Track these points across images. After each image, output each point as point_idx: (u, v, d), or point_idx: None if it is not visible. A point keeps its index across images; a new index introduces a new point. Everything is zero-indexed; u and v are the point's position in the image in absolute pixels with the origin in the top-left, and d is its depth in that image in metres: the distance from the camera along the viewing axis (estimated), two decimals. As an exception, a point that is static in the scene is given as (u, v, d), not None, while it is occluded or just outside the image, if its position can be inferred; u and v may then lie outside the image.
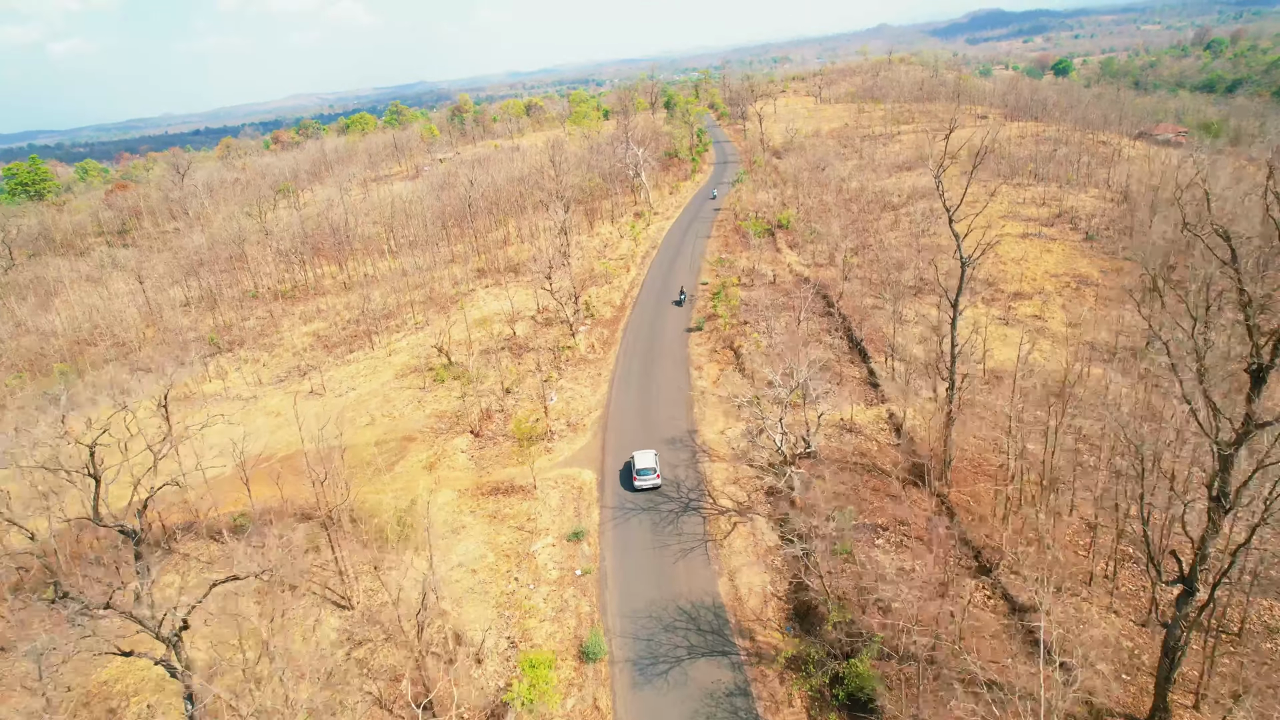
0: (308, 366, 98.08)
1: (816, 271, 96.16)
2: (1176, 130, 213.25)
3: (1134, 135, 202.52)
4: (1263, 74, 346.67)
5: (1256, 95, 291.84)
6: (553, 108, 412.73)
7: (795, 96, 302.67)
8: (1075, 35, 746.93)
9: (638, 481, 58.05)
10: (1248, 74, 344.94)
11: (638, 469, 58.30)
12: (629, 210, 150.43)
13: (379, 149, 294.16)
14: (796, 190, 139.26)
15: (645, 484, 57.95)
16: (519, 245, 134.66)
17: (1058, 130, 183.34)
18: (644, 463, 58.48)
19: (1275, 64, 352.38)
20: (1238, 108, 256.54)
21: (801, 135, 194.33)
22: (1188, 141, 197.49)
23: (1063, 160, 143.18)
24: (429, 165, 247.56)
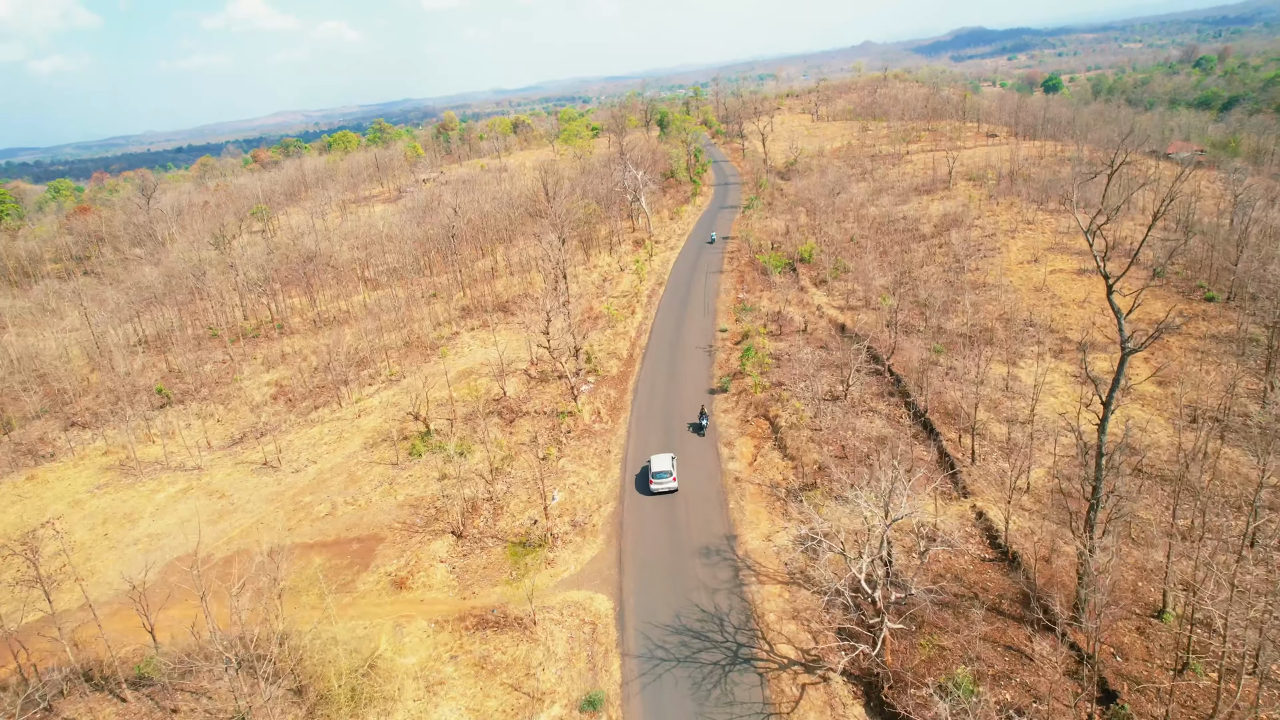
0: (266, 427, 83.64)
1: (852, 317, 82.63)
2: (1192, 148, 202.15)
3: (1148, 153, 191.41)
4: (1260, 91, 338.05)
5: (1257, 112, 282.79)
6: (540, 125, 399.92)
7: (791, 114, 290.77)
8: (1059, 53, 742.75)
9: (654, 485, 56.31)
10: (1244, 91, 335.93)
11: (654, 472, 56.63)
12: (627, 237, 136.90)
13: (361, 169, 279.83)
14: (812, 217, 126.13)
15: (662, 487, 56.23)
16: (508, 279, 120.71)
17: (1077, 150, 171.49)
18: (660, 465, 56.85)
19: (1271, 80, 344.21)
20: (1250, 125, 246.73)
21: (806, 155, 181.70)
22: (1205, 160, 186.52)
23: (1101, 183, 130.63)
24: (412, 186, 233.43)
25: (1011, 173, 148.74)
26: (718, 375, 73.02)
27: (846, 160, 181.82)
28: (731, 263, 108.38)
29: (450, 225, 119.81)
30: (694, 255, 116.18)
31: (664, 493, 56.56)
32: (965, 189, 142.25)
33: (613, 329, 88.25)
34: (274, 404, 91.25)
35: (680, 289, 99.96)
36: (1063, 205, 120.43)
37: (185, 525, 63.18)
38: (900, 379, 66.85)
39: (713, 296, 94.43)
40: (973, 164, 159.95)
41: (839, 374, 68.25)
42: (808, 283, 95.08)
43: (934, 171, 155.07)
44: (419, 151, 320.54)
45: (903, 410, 62.83)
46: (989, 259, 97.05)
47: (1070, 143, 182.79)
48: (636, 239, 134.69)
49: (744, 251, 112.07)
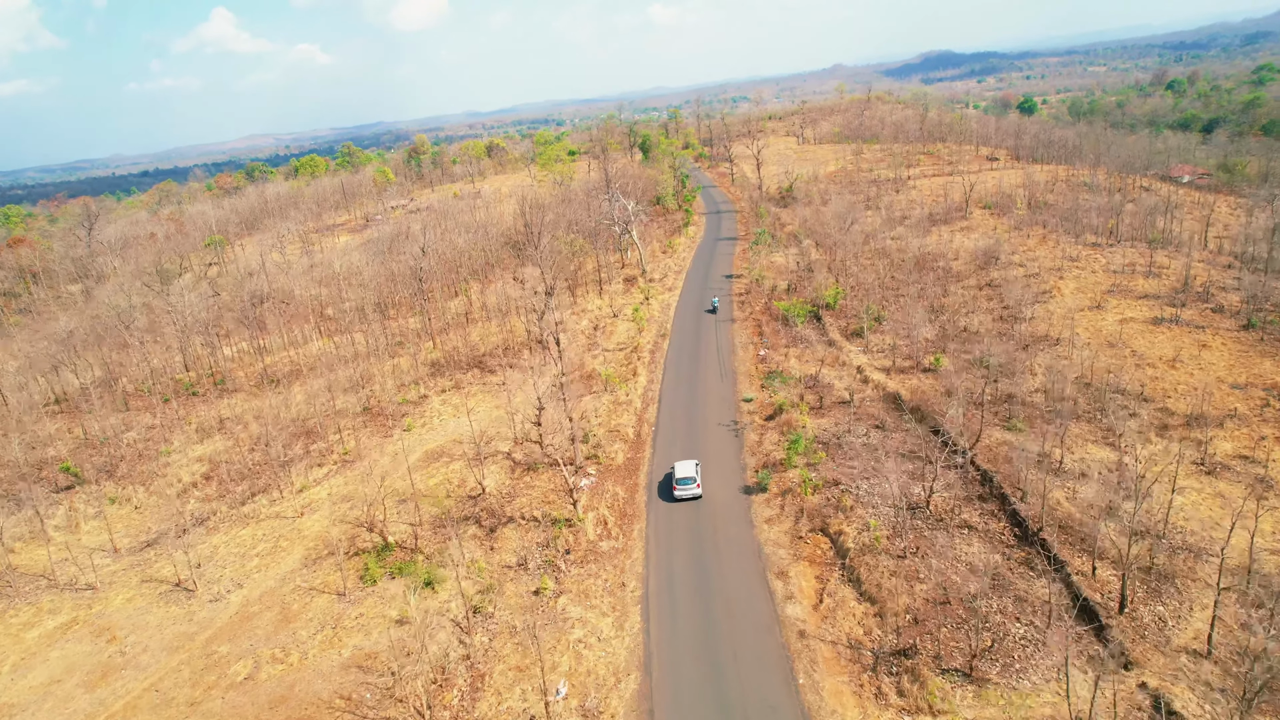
0: (189, 522, 66.94)
1: (903, 382, 67.73)
2: (1196, 171, 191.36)
3: (1153, 176, 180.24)
4: (1240, 112, 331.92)
5: (1239, 134, 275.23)
6: (515, 148, 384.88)
7: (775, 137, 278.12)
8: (1027, 76, 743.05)
9: (678, 491, 54.36)
10: (1224, 113, 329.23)
11: (678, 478, 54.65)
12: (617, 273, 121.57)
13: (328, 195, 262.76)
14: (825, 252, 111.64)
15: (686, 494, 54.21)
16: (484, 324, 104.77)
17: (1091, 175, 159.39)
18: (684, 472, 54.95)
19: (1250, 103, 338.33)
20: (1248, 147, 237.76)
21: (801, 180, 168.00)
22: (1211, 183, 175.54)
23: (1138, 212, 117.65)
24: (380, 214, 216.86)
25: (1030, 200, 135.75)
26: (750, 465, 57.55)
27: (844, 185, 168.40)
28: (743, 308, 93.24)
29: (417, 266, 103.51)
30: (697, 299, 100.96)
31: (688, 499, 53.96)
32: (983, 218, 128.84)
33: (612, 395, 72.56)
34: (204, 486, 74.50)
35: (688, 342, 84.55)
36: (1108, 240, 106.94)
37: (53, 691, 46.49)
38: (989, 475, 51.77)
39: (728, 353, 79.03)
40: (984, 190, 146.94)
41: (907, 465, 53.21)
42: (838, 335, 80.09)
43: (946, 198, 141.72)
44: (389, 177, 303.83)
45: (1003, 523, 47.79)
46: (1042, 304, 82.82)
47: (1081, 167, 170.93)
48: (627, 276, 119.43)
49: (755, 294, 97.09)
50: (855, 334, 79.75)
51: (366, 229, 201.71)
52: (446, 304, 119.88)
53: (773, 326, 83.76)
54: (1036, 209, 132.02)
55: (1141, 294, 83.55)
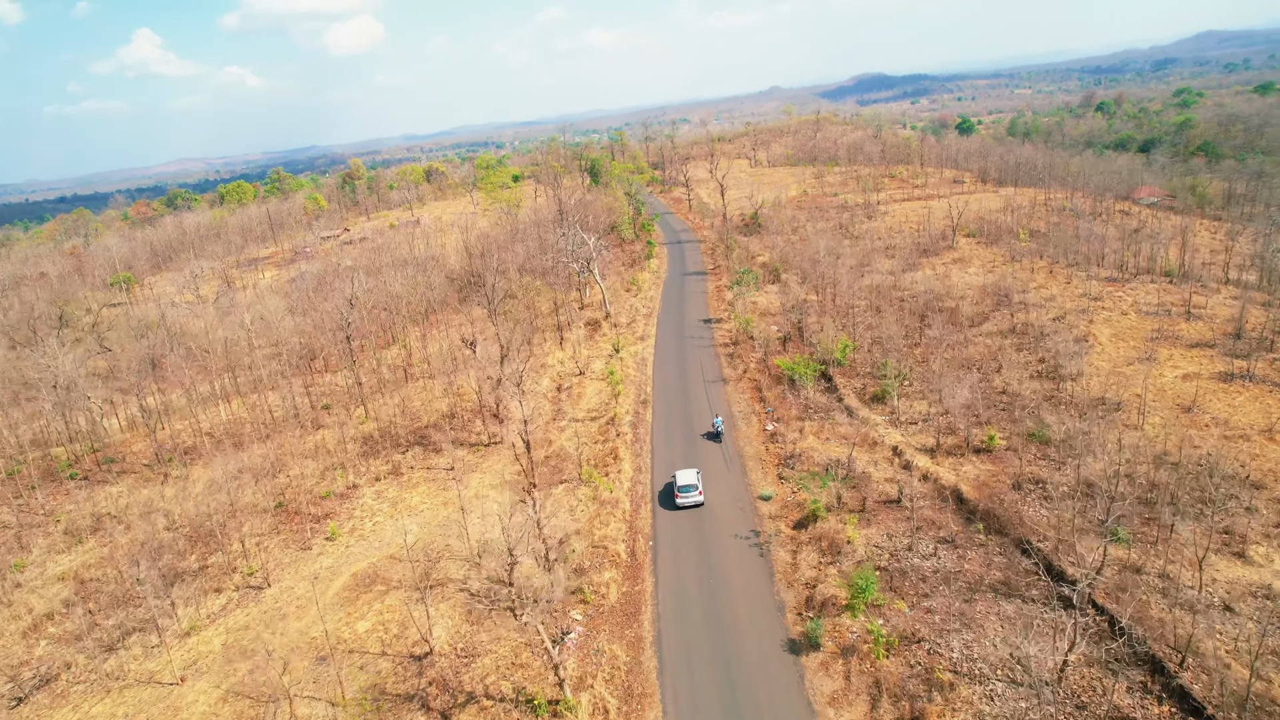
0: (28, 684, 49.46)
1: (956, 468, 53.98)
2: (1158, 193, 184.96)
3: (1113, 198, 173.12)
4: (1175, 133, 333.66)
5: (1184, 156, 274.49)
6: (455, 172, 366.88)
7: (725, 159, 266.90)
8: (958, 97, 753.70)
9: (680, 499, 53.00)
10: (1158, 134, 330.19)
11: (680, 486, 53.53)
12: (577, 315, 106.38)
13: (254, 224, 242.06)
14: (809, 288, 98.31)
15: (688, 501, 53.03)
16: (426, 382, 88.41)
17: (1069, 199, 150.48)
18: (686, 480, 53.86)
19: (1182, 124, 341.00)
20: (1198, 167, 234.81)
21: (766, 206, 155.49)
22: (1175, 205, 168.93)
23: (1121, 237, 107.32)
24: (309, 247, 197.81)
25: (1020, 228, 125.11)
26: (790, 603, 42.70)
27: (811, 211, 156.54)
28: (734, 364, 78.74)
29: (345, 321, 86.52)
30: (676, 349, 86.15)
31: (690, 507, 53.23)
32: (971, 248, 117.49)
33: (592, 491, 57.19)
34: (63, 619, 56.81)
35: (676, 410, 69.41)
36: (1123, 273, 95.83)
37: None
38: (1123, 625, 37.81)
39: (727, 429, 64.19)
40: (964, 216, 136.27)
41: (1003, 606, 39.26)
42: (855, 400, 66.15)
43: (927, 226, 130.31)
44: (321, 204, 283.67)
45: (1167, 706, 33.97)
46: (1082, 355, 70.37)
47: (1053, 190, 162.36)
48: (589, 319, 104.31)
49: (744, 346, 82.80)
50: (876, 399, 65.93)
51: (294, 262, 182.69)
52: (382, 352, 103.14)
53: (776, 390, 69.36)
54: (1044, 239, 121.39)
55: (1192, 341, 71.81)
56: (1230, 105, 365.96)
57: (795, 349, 79.09)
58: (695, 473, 54.79)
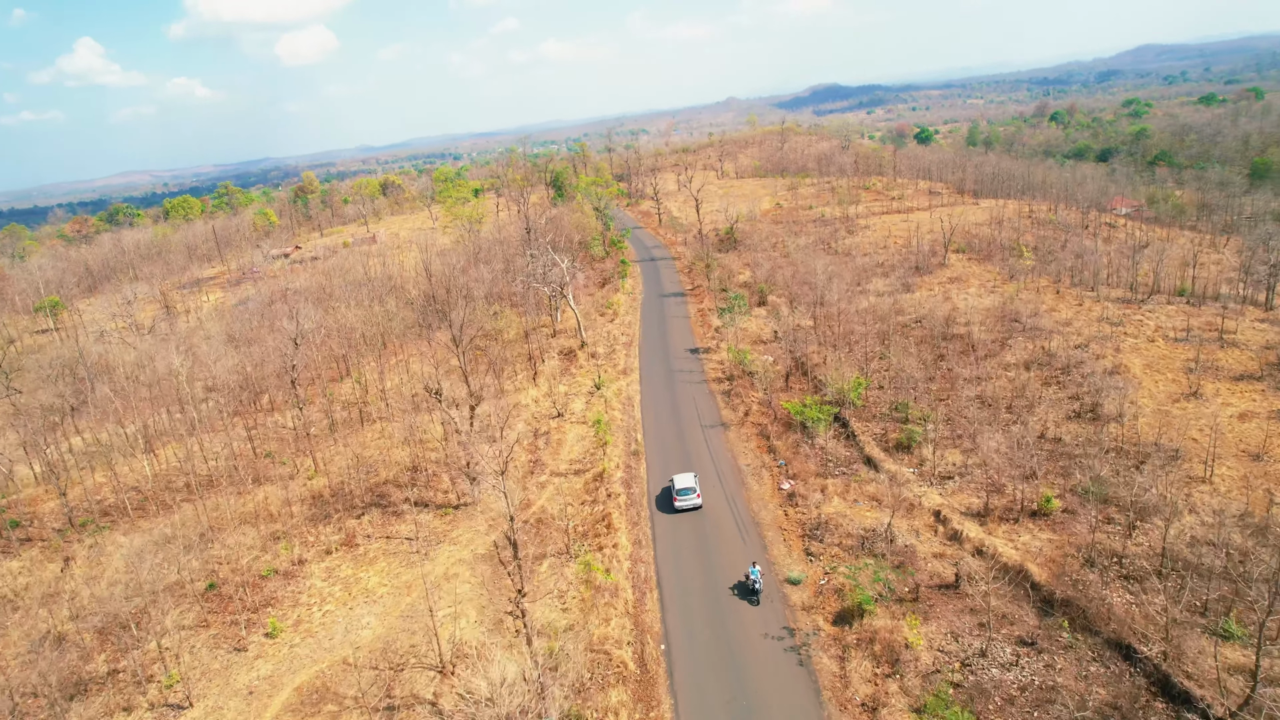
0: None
1: (1011, 537, 45.74)
2: (1131, 204, 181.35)
3: (1095, 209, 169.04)
4: (1131, 142, 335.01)
5: (1134, 164, 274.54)
6: (412, 184, 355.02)
7: (692, 171, 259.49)
8: (912, 107, 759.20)
9: (678, 502, 52.43)
10: (1114, 144, 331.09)
11: (678, 489, 52.89)
12: (550, 344, 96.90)
13: (201, 242, 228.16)
14: (800, 312, 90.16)
15: (686, 504, 52.36)
16: (384, 424, 78.21)
17: (1053, 210, 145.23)
18: (684, 483, 53.24)
19: (1138, 134, 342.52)
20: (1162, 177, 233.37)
21: (742, 220, 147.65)
22: (1151, 215, 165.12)
23: (1110, 252, 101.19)
24: (259, 267, 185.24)
25: (1000, 241, 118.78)
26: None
27: (788, 225, 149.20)
28: (733, 404, 69.80)
29: (289, 361, 75.82)
30: (664, 386, 76.99)
31: (688, 509, 52.59)
32: (965, 265, 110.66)
33: (584, 569, 47.79)
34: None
35: (674, 464, 60.09)
36: (1140, 296, 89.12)
37: None
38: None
39: (735, 487, 55.24)
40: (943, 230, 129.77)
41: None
42: (878, 450, 57.76)
43: (915, 241, 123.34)
44: (271, 220, 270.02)
45: None
46: (1120, 390, 62.98)
47: (1034, 201, 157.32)
48: (563, 348, 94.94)
49: (742, 382, 74.05)
50: (901, 447, 57.61)
51: (242, 283, 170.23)
52: (334, 386, 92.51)
53: (786, 439, 60.64)
54: (1022, 252, 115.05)
55: (1236, 373, 64.92)
56: (1181, 116, 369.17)
57: (798, 385, 70.70)
58: (693, 475, 54.56)
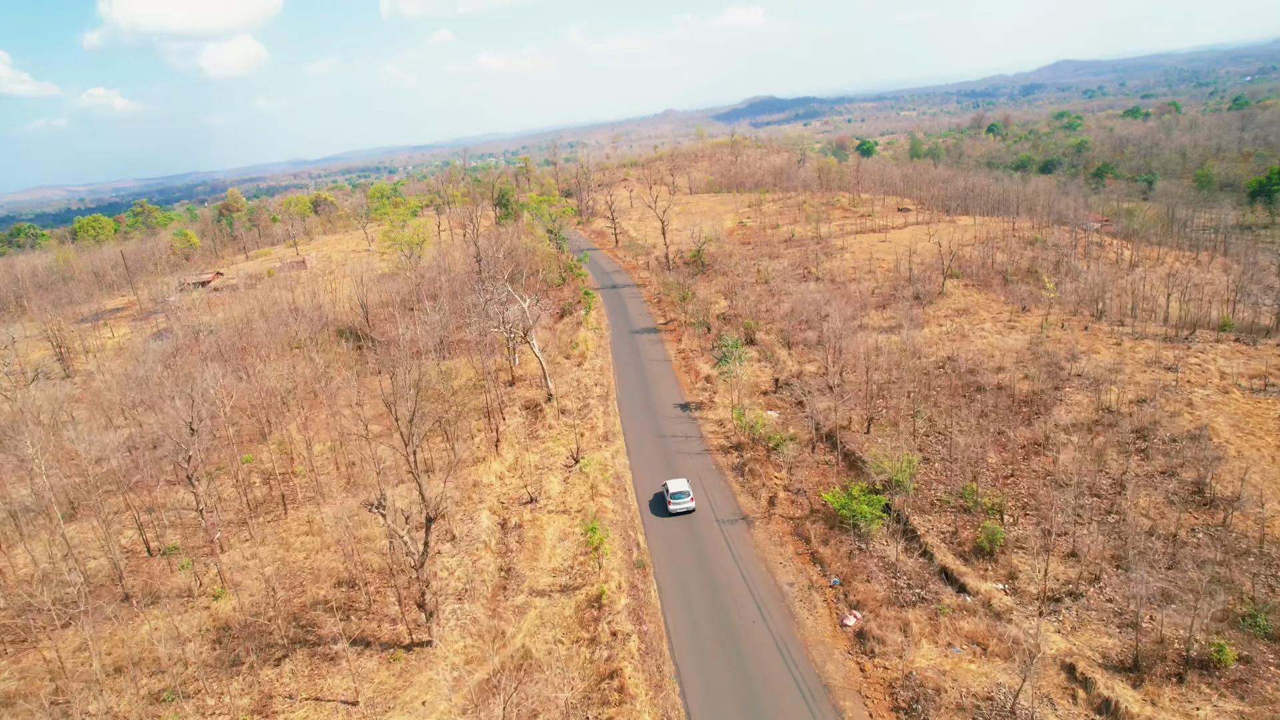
0: None
1: (1183, 713, 33.40)
2: (1100, 219, 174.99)
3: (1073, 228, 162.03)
4: (1073, 154, 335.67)
5: (1075, 175, 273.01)
6: (345, 201, 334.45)
7: (641, 185, 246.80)
8: (848, 119, 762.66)
9: (672, 506, 53.12)
10: (1057, 156, 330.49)
11: (672, 493, 53.46)
12: (511, 397, 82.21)
13: (110, 267, 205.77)
14: (797, 353, 77.48)
15: (680, 507, 53.03)
16: (312, 509, 62.58)
17: (1039, 228, 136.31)
18: (677, 488, 53.84)
19: (1079, 147, 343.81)
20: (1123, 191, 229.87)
21: (709, 242, 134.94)
22: (1118, 230, 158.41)
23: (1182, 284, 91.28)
24: (174, 296, 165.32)
25: (989, 264, 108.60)
26: None
27: (758, 246, 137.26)
28: (749, 486, 55.76)
29: (183, 450, 59.34)
30: (659, 459, 62.31)
31: (682, 513, 53.04)
32: (966, 294, 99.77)
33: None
34: None
35: (693, 587, 45.79)
36: (1184, 333, 78.56)
37: None
38: None
39: (783, 623, 41.51)
40: (928, 250, 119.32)
41: None
42: (952, 559, 44.62)
43: (902, 264, 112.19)
44: (192, 241, 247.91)
45: None
46: (1217, 456, 51.56)
47: (1006, 217, 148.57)
48: (526, 400, 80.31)
49: (753, 451, 60.60)
50: (981, 551, 44.93)
51: (154, 316, 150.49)
52: (254, 449, 76.11)
53: (833, 542, 47.21)
54: (1018, 276, 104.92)
55: (1340, 431, 54.35)
56: (1117, 129, 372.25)
57: (825, 458, 57.61)
58: (685, 481, 54.87)
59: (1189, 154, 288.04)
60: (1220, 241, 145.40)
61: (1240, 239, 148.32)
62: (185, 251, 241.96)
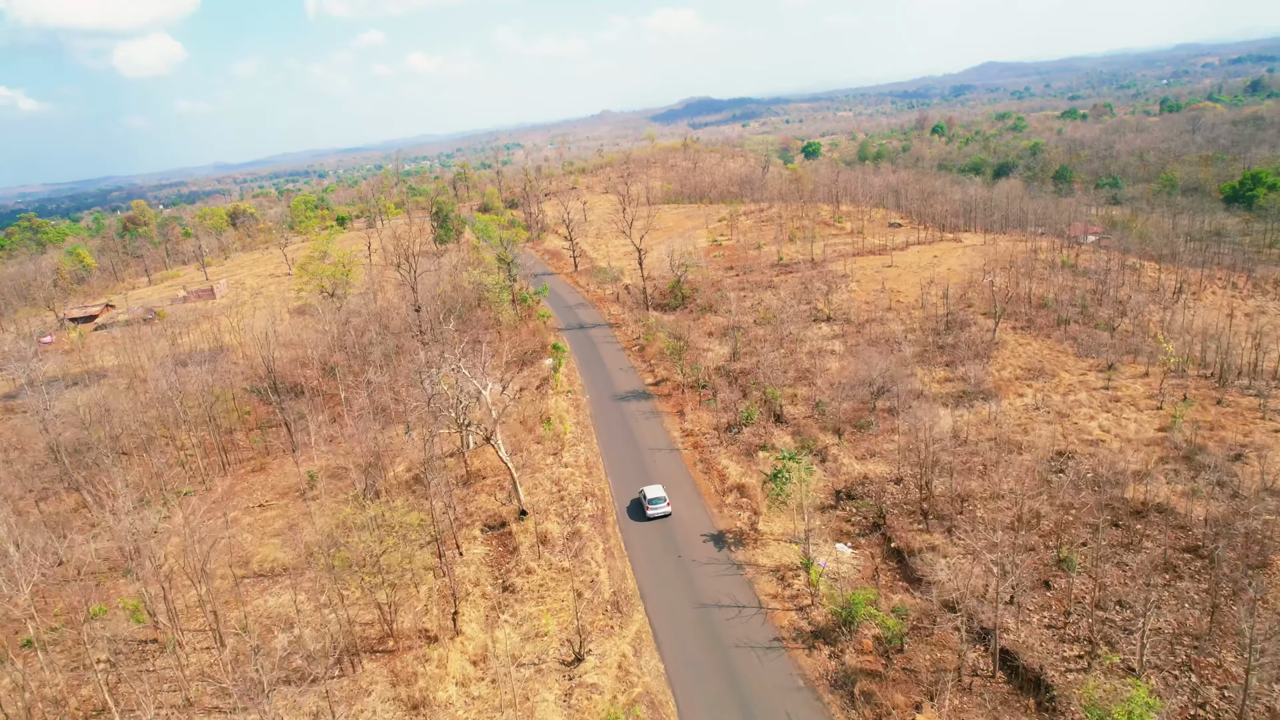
0: None
1: None
2: (1094, 232, 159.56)
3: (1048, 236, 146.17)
4: (1029, 157, 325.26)
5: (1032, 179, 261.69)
6: (269, 211, 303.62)
7: (592, 195, 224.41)
8: (785, 120, 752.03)
9: (650, 511, 53.18)
10: (1012, 159, 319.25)
11: (650, 499, 53.58)
12: (467, 513, 59.65)
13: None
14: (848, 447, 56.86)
15: (657, 512, 53.24)
16: (200, 658, 39.34)
17: (1067, 252, 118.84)
18: (655, 494, 54.05)
19: (1034, 149, 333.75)
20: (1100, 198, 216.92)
21: (691, 270, 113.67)
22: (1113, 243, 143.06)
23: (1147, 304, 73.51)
24: (50, 334, 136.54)
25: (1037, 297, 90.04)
26: None
27: (740, 274, 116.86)
28: None
29: None
30: (707, 659, 39.76)
31: (659, 518, 53.18)
32: (1020, 344, 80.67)
33: None
34: None
35: None
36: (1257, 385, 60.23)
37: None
38: None
39: None
40: (948, 278, 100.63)
41: None
42: None
43: (925, 298, 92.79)
44: (87, 262, 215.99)
45: None
46: None
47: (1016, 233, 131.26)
48: (488, 517, 57.74)
49: (851, 639, 39.34)
50: None
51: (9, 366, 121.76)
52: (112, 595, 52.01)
53: None
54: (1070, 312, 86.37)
55: None
56: (1066, 131, 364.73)
57: (980, 672, 36.70)
58: (660, 487, 55.21)
59: (1147, 158, 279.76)
60: (1241, 257, 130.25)
61: (1265, 255, 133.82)
62: (78, 274, 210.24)
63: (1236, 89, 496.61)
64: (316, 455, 75.16)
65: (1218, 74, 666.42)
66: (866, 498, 52.86)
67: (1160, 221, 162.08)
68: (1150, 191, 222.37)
